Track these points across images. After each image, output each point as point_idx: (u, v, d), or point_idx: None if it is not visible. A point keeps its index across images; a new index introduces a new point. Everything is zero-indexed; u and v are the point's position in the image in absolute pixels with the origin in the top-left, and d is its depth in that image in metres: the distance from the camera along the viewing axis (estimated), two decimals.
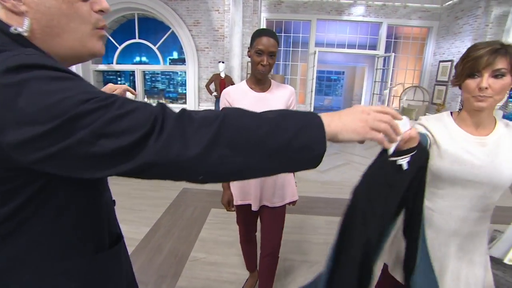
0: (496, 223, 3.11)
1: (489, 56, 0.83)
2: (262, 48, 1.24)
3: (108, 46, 7.47)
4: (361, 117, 0.52)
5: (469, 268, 0.99)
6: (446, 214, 0.97)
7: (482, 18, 6.07)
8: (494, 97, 0.86)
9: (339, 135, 0.51)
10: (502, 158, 0.90)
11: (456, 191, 0.95)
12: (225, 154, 0.43)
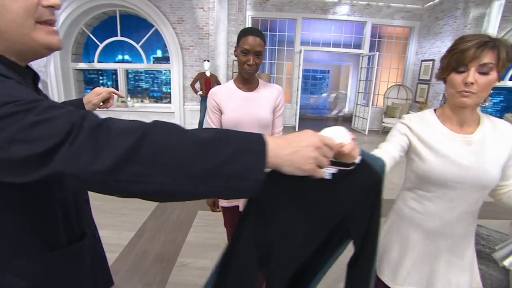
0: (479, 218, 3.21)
1: (476, 49, 0.79)
2: (248, 47, 1.21)
3: (89, 44, 7.21)
4: (311, 154, 0.48)
5: (459, 273, 0.97)
6: (436, 217, 0.95)
7: (461, 19, 6.25)
8: (479, 94, 0.82)
9: (283, 168, 0.48)
10: (488, 157, 0.88)
11: (446, 193, 0.92)
12: (140, 173, 0.39)
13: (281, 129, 1.50)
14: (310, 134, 0.51)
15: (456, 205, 0.92)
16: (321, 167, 0.51)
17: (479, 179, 0.87)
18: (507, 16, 6.16)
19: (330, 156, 0.52)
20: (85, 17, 6.58)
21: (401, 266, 1.01)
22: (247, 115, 1.31)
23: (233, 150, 0.43)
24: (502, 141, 0.89)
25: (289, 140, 0.49)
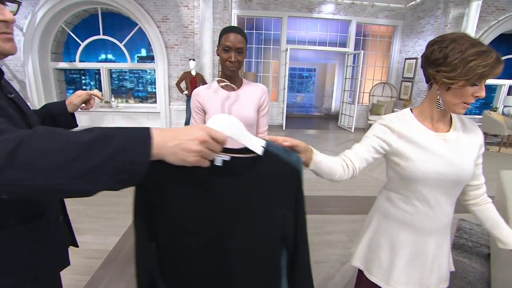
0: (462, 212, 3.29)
1: (495, 64, 0.79)
2: (229, 44, 1.21)
3: (70, 42, 6.99)
4: (195, 148, 0.52)
5: (442, 263, 1.02)
6: (425, 216, 0.97)
7: (442, 18, 6.41)
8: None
9: (167, 159, 0.52)
10: (463, 154, 0.92)
11: (431, 191, 0.93)
12: (18, 177, 0.43)
13: (266, 128, 1.49)
14: (198, 128, 0.54)
15: (442, 201, 0.94)
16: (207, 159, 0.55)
17: (458, 175, 0.90)
18: (484, 16, 6.36)
19: (217, 149, 0.55)
20: (65, 15, 6.36)
21: (393, 266, 1.02)
22: (230, 114, 1.29)
23: (115, 147, 0.47)
24: (472, 140, 0.94)
25: (177, 134, 0.52)
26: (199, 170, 0.57)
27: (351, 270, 2.10)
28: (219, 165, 0.62)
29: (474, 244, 2.50)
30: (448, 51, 0.83)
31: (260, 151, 0.63)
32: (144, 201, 0.61)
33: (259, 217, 0.65)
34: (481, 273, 2.11)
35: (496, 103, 7.49)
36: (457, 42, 0.82)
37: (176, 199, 0.61)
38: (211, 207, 0.62)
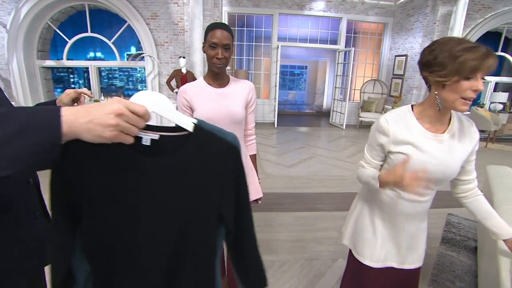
0: (450, 207, 3.35)
1: (487, 59, 0.81)
2: (216, 41, 1.19)
3: (57, 40, 6.83)
4: (111, 121, 0.49)
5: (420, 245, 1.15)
6: (409, 203, 1.06)
7: (430, 16, 6.49)
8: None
9: (82, 136, 0.49)
10: (453, 154, 0.97)
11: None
12: None
13: (253, 125, 1.48)
14: (113, 101, 0.51)
15: (423, 193, 1.05)
16: (130, 134, 0.52)
17: (443, 172, 0.98)
18: (471, 14, 6.47)
19: (139, 123, 0.52)
20: (50, 11, 6.21)
21: (376, 246, 1.13)
22: (219, 111, 1.28)
23: (20, 126, 0.44)
24: (466, 141, 0.99)
25: (90, 109, 0.49)
26: (126, 151, 0.55)
27: (342, 267, 2.12)
28: (147, 144, 0.59)
29: (462, 238, 2.55)
30: (437, 52, 0.88)
31: (191, 127, 0.61)
32: (63, 184, 0.56)
33: (193, 196, 0.62)
34: (469, 266, 2.15)
35: (483, 100, 7.63)
36: (444, 43, 0.88)
37: (101, 181, 0.56)
38: (141, 188, 0.58)
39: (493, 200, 1.67)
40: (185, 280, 0.64)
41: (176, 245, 0.62)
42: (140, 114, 0.52)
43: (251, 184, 1.45)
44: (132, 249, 0.60)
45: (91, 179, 0.56)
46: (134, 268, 0.61)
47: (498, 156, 5.66)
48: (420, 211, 1.08)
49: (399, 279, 1.15)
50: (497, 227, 1.02)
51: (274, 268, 2.08)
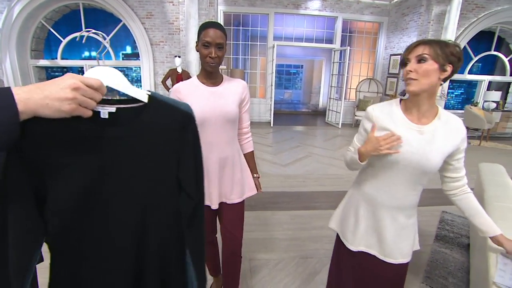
0: (444, 204, 3.38)
1: (413, 46, 0.99)
2: (209, 40, 1.18)
3: (51, 39, 6.77)
4: (68, 95, 0.51)
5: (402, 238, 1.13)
6: (384, 192, 1.10)
7: (425, 15, 6.54)
8: (420, 80, 0.96)
9: (40, 113, 0.50)
10: (434, 147, 1.01)
11: (393, 173, 1.07)
12: None
13: (248, 123, 1.48)
14: (67, 76, 0.52)
15: (400, 183, 1.07)
16: (88, 107, 0.54)
17: (420, 164, 1.01)
18: (464, 14, 6.53)
19: (95, 96, 0.54)
20: (44, 10, 6.15)
21: (356, 231, 1.20)
22: (213, 110, 1.28)
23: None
24: (451, 136, 1.02)
25: (44, 85, 0.50)
26: (86, 125, 0.56)
27: None
28: (105, 117, 0.60)
29: (455, 235, 2.58)
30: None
31: (146, 98, 0.63)
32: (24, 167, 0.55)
33: (153, 163, 0.65)
34: (461, 262, 2.18)
35: (476, 98, 7.71)
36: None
37: (63, 158, 0.57)
38: (103, 159, 0.60)
39: (484, 197, 1.69)
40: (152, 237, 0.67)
41: (141, 211, 0.65)
42: (95, 87, 0.54)
43: (246, 184, 1.45)
44: (101, 218, 0.62)
45: (53, 157, 0.56)
46: (103, 236, 0.63)
47: (492, 154, 5.72)
48: (406, 206, 1.09)
49: (384, 272, 1.17)
50: (484, 225, 1.06)
51: (270, 266, 2.09)
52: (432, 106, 1.03)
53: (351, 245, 1.21)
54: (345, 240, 1.25)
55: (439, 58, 0.95)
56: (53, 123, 0.52)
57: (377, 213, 1.13)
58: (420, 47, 0.97)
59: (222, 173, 1.36)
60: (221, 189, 1.38)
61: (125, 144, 0.62)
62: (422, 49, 0.96)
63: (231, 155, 1.36)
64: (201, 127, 1.28)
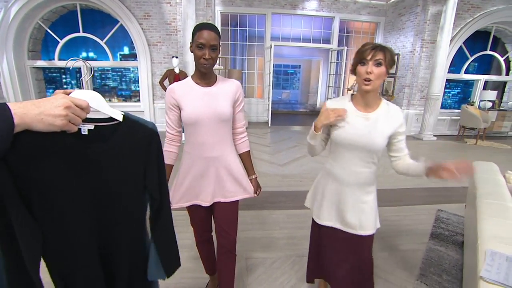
0: (439, 203, 3.40)
1: (372, 50, 1.16)
2: (203, 41, 1.20)
3: (48, 40, 6.77)
4: (61, 112, 0.58)
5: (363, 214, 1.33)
6: (342, 169, 1.33)
7: (421, 15, 6.58)
8: (375, 82, 1.17)
9: (34, 126, 0.56)
10: (377, 130, 1.23)
11: (347, 153, 1.30)
12: None
13: (243, 123, 1.50)
14: (59, 96, 0.60)
15: (354, 161, 1.29)
16: (75, 124, 0.62)
17: (367, 144, 1.23)
18: (460, 14, 6.57)
19: (82, 115, 0.63)
20: (41, 11, 6.15)
21: (322, 207, 1.42)
22: (206, 110, 1.29)
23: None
24: (390, 121, 1.25)
25: (39, 103, 0.57)
26: (69, 140, 0.65)
27: None
28: (85, 133, 0.71)
29: (450, 233, 2.60)
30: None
31: (121, 117, 0.75)
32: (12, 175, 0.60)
33: (124, 173, 0.77)
34: (456, 260, 2.20)
35: (473, 98, 7.76)
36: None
37: (48, 168, 0.65)
38: (83, 170, 0.70)
39: (477, 194, 1.72)
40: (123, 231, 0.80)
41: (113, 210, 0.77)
42: (83, 107, 0.63)
43: (242, 182, 1.46)
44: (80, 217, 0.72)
45: (39, 167, 0.63)
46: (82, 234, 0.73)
47: (487, 153, 5.76)
48: (362, 182, 1.31)
49: (349, 243, 1.38)
50: (415, 170, 1.24)
51: (266, 265, 2.11)
52: (376, 99, 1.26)
53: (318, 219, 1.44)
54: (315, 216, 1.47)
55: (388, 64, 1.17)
56: (40, 138, 0.60)
57: (339, 189, 1.35)
58: (378, 53, 1.15)
59: (215, 173, 1.38)
60: (214, 188, 1.39)
61: (102, 156, 0.72)
62: (379, 54, 1.15)
63: (225, 154, 1.38)
64: (194, 126, 1.30)
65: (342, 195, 1.34)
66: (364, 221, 1.33)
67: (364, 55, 1.18)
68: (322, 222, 1.42)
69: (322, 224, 1.42)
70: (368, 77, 1.16)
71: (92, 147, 0.70)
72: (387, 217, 2.92)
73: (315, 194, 1.50)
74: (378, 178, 1.39)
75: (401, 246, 2.41)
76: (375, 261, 2.18)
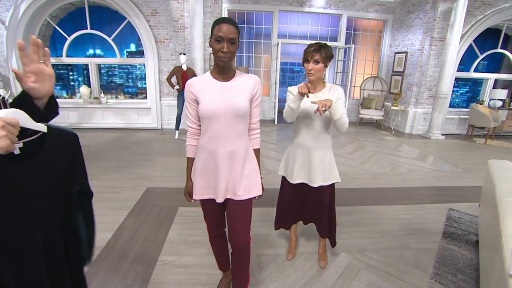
0: (450, 202, 3.35)
1: (312, 52, 1.65)
2: (222, 35, 1.20)
3: (56, 37, 6.80)
4: (2, 133, 0.58)
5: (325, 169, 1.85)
6: (307, 135, 1.81)
7: (431, 13, 6.49)
8: (316, 74, 1.69)
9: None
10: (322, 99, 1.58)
11: (305, 122, 1.79)
12: None
13: (258, 119, 1.48)
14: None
15: (317, 128, 1.78)
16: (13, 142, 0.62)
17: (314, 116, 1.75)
18: (471, 11, 6.47)
19: (15, 132, 0.63)
20: (50, 8, 6.18)
21: (293, 169, 1.87)
22: (223, 104, 1.28)
23: None
24: (332, 94, 1.73)
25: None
26: (6, 162, 0.69)
27: (344, 261, 2.14)
28: (18, 153, 0.73)
29: (463, 232, 2.57)
30: None
31: (45, 129, 0.78)
32: None
33: (58, 176, 0.84)
34: (470, 259, 2.17)
35: (482, 96, 7.65)
36: None
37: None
38: (22, 185, 0.75)
39: (496, 192, 1.68)
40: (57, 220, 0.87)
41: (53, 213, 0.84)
42: (14, 125, 0.62)
43: (256, 179, 1.45)
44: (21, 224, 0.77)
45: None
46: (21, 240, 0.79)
47: (498, 153, 5.68)
48: (317, 144, 1.80)
49: (313, 194, 1.89)
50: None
51: (278, 261, 2.09)
52: (320, 83, 1.77)
53: (291, 179, 1.88)
54: (288, 177, 1.91)
55: (325, 61, 1.65)
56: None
57: (305, 152, 1.82)
58: (315, 53, 1.63)
59: (231, 167, 1.36)
60: (228, 183, 1.38)
61: (37, 167, 0.77)
62: (317, 55, 1.63)
63: (240, 149, 1.37)
64: (210, 120, 1.29)
65: (307, 157, 1.82)
66: (325, 174, 1.84)
67: (306, 55, 1.67)
68: (295, 180, 1.87)
69: (294, 183, 1.87)
70: (310, 72, 1.68)
71: (26, 164, 0.75)
72: (397, 215, 2.89)
73: (287, 162, 1.93)
74: (387, 177, 1.55)
75: (413, 244, 2.38)
76: (388, 259, 2.17)
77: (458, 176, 4.18)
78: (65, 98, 7.58)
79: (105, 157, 4.47)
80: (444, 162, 4.91)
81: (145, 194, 3.19)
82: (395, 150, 5.55)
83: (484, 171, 2.35)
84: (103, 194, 3.13)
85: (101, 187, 3.27)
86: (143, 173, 3.82)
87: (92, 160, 4.24)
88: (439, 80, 6.37)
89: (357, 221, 2.74)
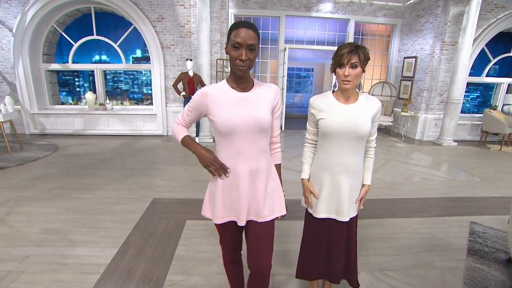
0: (470, 214, 3.18)
1: (347, 54, 1.29)
2: (240, 41, 1.06)
3: (62, 43, 6.79)
4: None
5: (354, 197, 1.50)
6: (334, 157, 1.43)
7: (441, 16, 6.35)
8: (353, 81, 1.33)
9: None
10: (361, 115, 1.38)
11: (337, 142, 1.41)
12: None
13: (278, 132, 1.36)
14: None
15: (343, 148, 1.41)
16: None
17: (354, 129, 1.36)
18: (483, 14, 6.32)
19: None
20: (57, 14, 6.17)
21: (319, 200, 1.49)
22: (243, 118, 1.15)
23: None
24: (369, 109, 1.41)
25: None
26: None
27: (365, 281, 1.98)
28: None
29: (490, 249, 2.40)
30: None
31: None
32: None
33: None
34: (502, 281, 2.00)
35: (495, 101, 7.45)
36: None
37: None
38: None
39: None
40: None
41: None
42: None
43: (278, 198, 1.32)
44: None
45: None
46: None
47: None
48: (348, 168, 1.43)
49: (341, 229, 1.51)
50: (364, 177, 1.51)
51: (293, 282, 1.95)
52: (354, 93, 1.42)
53: (315, 213, 1.51)
54: (310, 210, 1.55)
55: (363, 64, 1.32)
56: None
57: (333, 179, 1.44)
58: (353, 56, 1.29)
59: (253, 186, 1.23)
60: (251, 204, 1.25)
61: None
62: (355, 58, 1.29)
63: (263, 166, 1.24)
64: (228, 136, 1.16)
65: (338, 184, 1.44)
66: (356, 205, 1.52)
67: (342, 59, 1.31)
68: (319, 214, 1.49)
69: (319, 217, 1.49)
70: (346, 79, 1.32)
71: None
72: (416, 229, 2.73)
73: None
74: (402, 187, 1.50)
75: (437, 263, 2.22)
76: (411, 280, 2.01)
77: (476, 185, 4.00)
78: (71, 104, 7.55)
79: (111, 166, 4.37)
80: (459, 170, 4.73)
81: (152, 205, 3.07)
82: (407, 158, 5.37)
83: (503, 180, 2.19)
84: (108, 205, 3.02)
85: (106, 198, 3.16)
86: (149, 183, 3.71)
87: (98, 169, 4.14)
88: (450, 85, 6.20)
89: (375, 236, 2.58)
